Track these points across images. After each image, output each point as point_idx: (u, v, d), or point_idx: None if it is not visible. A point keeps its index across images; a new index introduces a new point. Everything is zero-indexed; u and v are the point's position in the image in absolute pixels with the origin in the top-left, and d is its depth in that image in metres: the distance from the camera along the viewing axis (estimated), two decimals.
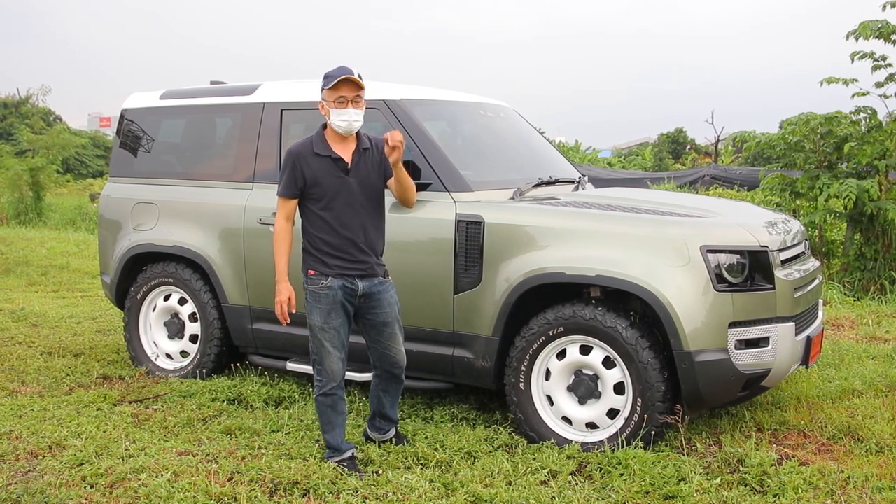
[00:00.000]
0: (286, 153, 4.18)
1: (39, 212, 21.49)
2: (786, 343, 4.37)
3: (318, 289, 4.14)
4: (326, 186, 4.11)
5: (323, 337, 4.16)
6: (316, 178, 4.10)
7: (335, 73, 4.09)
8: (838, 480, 3.99)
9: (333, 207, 4.12)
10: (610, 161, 34.49)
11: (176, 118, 6.24)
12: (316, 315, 4.15)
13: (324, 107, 4.14)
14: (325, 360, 4.19)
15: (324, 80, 4.12)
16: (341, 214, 4.13)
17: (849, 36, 9.42)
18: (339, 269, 4.14)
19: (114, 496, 3.86)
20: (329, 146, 4.15)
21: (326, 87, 4.09)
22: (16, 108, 47.20)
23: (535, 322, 4.57)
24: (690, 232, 4.35)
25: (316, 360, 4.22)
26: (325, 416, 4.25)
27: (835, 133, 9.64)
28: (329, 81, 4.08)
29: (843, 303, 8.68)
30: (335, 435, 4.25)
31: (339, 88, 4.06)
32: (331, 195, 4.11)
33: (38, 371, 6.09)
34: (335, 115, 4.08)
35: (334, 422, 4.25)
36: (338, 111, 4.08)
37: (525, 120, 6.43)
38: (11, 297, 9.67)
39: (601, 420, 4.48)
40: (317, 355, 4.21)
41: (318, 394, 4.24)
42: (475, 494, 3.83)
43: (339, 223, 4.13)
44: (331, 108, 4.09)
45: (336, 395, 4.24)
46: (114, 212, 6.31)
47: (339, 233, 4.13)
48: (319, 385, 4.23)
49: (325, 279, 4.14)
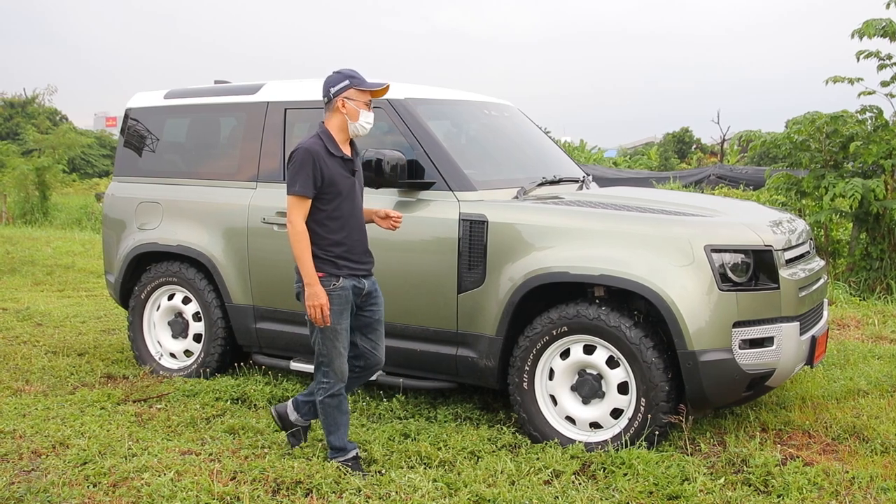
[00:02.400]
0: (302, 151, 4.05)
1: (45, 211, 21.57)
2: (790, 343, 4.36)
3: (331, 290, 4.08)
4: (340, 187, 4.10)
5: (335, 338, 4.13)
6: (332, 178, 4.07)
7: (361, 79, 4.12)
8: (843, 481, 3.97)
9: (343, 208, 4.12)
10: (615, 161, 34.49)
11: (180, 117, 6.25)
12: (330, 316, 4.08)
13: (345, 104, 4.10)
14: (334, 362, 4.15)
15: (351, 79, 4.11)
16: (349, 215, 4.15)
17: (854, 35, 9.39)
18: (348, 270, 4.13)
19: (117, 495, 3.86)
20: (339, 146, 4.14)
21: (356, 87, 4.10)
22: (22, 107, 47.40)
23: (538, 321, 4.56)
24: (695, 231, 4.33)
25: (324, 362, 4.16)
26: (331, 417, 4.21)
27: (840, 132, 9.62)
28: (360, 84, 4.11)
29: (849, 302, 8.66)
30: (340, 436, 4.22)
31: (370, 92, 4.12)
32: (343, 196, 4.12)
33: (43, 370, 6.10)
34: (364, 116, 4.13)
35: (339, 422, 4.22)
36: (366, 113, 4.14)
37: (529, 119, 6.42)
38: (17, 296, 9.70)
39: (605, 420, 4.47)
40: (325, 357, 4.15)
41: (325, 396, 4.17)
42: (478, 494, 3.82)
43: (349, 224, 4.14)
44: (360, 109, 4.11)
45: (342, 395, 4.21)
46: (118, 211, 6.32)
47: (348, 234, 4.14)
48: (326, 387, 4.17)
49: (337, 280, 4.11)
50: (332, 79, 4.15)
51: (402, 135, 5.04)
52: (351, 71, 4.17)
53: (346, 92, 4.10)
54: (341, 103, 4.10)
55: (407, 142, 5.01)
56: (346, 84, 4.10)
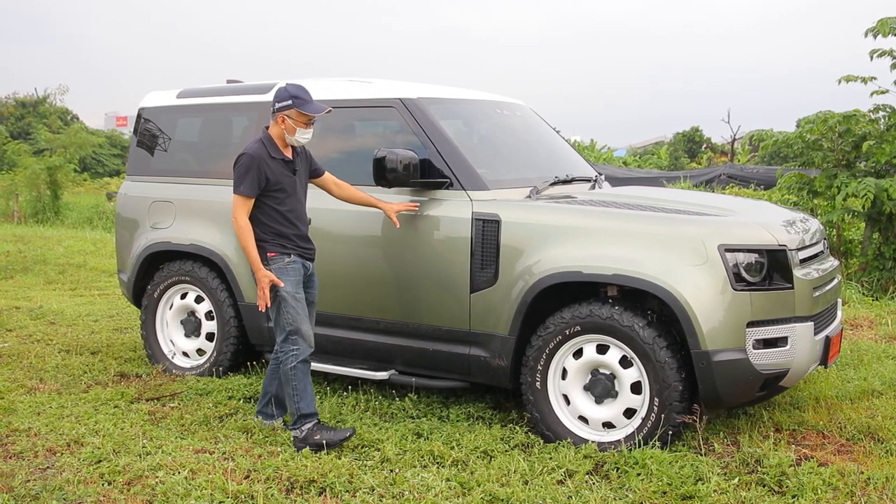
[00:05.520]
0: (247, 157, 4.48)
1: (57, 210, 21.67)
2: (804, 343, 4.34)
3: (284, 264, 4.55)
4: (285, 185, 4.58)
5: (296, 305, 4.54)
6: (276, 178, 4.54)
7: (310, 102, 4.55)
8: (858, 481, 3.96)
9: (287, 202, 4.59)
10: (625, 160, 34.41)
11: (193, 117, 6.26)
12: (288, 285, 4.52)
13: (284, 120, 4.53)
14: (302, 326, 4.54)
15: (294, 100, 4.50)
16: (294, 208, 4.63)
17: (867, 33, 9.34)
18: (296, 251, 4.62)
19: (131, 493, 3.87)
20: (280, 150, 4.60)
21: (299, 109, 4.50)
22: (34, 107, 47.63)
23: (551, 321, 4.55)
24: (708, 231, 4.32)
25: (292, 330, 4.52)
26: (301, 383, 4.54)
27: (853, 131, 9.57)
28: (304, 106, 4.51)
29: (862, 302, 8.62)
30: (309, 402, 4.55)
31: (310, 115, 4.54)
32: (287, 192, 4.58)
33: (56, 368, 6.13)
34: (301, 133, 4.58)
35: (307, 388, 4.56)
36: (304, 131, 4.58)
37: (541, 118, 6.41)
38: (30, 295, 9.75)
39: (618, 419, 4.46)
40: (293, 324, 4.52)
41: (297, 361, 4.52)
42: (491, 493, 3.82)
43: (294, 215, 4.62)
44: (298, 127, 4.54)
45: (309, 361, 4.60)
46: (131, 210, 6.34)
47: (293, 223, 4.61)
48: (297, 352, 4.52)
49: (288, 256, 4.58)
50: (280, 93, 4.56)
51: (415, 134, 5.05)
52: (298, 90, 4.55)
53: (288, 111, 4.52)
54: (281, 119, 4.54)
55: (419, 141, 5.01)
56: (288, 104, 4.51)
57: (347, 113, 5.39)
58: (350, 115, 5.46)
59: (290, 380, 4.54)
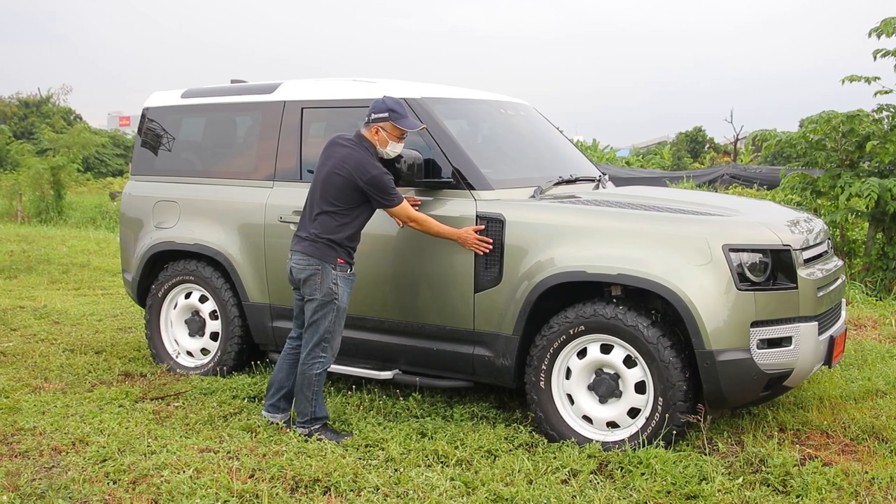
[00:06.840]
0: (378, 172, 4.49)
1: (60, 210, 21.67)
2: (808, 343, 4.34)
3: (347, 274, 4.64)
4: None
5: (341, 318, 4.65)
6: None
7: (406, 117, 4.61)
8: (862, 481, 3.96)
9: (358, 211, 4.63)
10: (628, 160, 34.35)
11: (197, 116, 6.27)
12: (344, 297, 4.61)
13: (378, 132, 4.59)
14: (336, 338, 4.65)
15: (391, 113, 4.55)
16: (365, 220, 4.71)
17: (871, 33, 9.33)
18: (353, 266, 4.73)
19: (136, 492, 3.88)
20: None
21: (394, 123, 4.55)
22: (37, 107, 47.66)
23: (555, 321, 4.56)
24: (712, 230, 4.32)
25: (328, 338, 4.60)
26: (319, 389, 4.65)
27: (857, 131, 9.55)
28: (399, 121, 4.56)
29: (866, 302, 8.62)
30: (323, 405, 4.69)
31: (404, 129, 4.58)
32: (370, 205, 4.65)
33: (61, 368, 6.15)
34: (392, 146, 4.63)
35: (321, 394, 4.67)
36: (396, 144, 4.63)
37: (545, 118, 6.41)
38: (33, 294, 9.77)
39: (622, 419, 4.46)
40: (331, 333, 4.60)
41: (322, 369, 4.63)
42: (496, 493, 3.83)
43: (363, 227, 4.72)
44: (390, 140, 4.60)
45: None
46: (135, 210, 6.35)
47: (359, 238, 4.71)
48: (323, 361, 4.63)
49: (351, 268, 4.68)
50: (377, 105, 4.61)
51: (419, 134, 5.05)
52: (395, 103, 4.60)
53: (383, 123, 4.58)
54: (375, 130, 4.60)
55: (424, 141, 5.02)
56: (384, 116, 4.57)
57: (352, 113, 5.39)
58: (354, 116, 5.46)
59: (311, 384, 4.62)
